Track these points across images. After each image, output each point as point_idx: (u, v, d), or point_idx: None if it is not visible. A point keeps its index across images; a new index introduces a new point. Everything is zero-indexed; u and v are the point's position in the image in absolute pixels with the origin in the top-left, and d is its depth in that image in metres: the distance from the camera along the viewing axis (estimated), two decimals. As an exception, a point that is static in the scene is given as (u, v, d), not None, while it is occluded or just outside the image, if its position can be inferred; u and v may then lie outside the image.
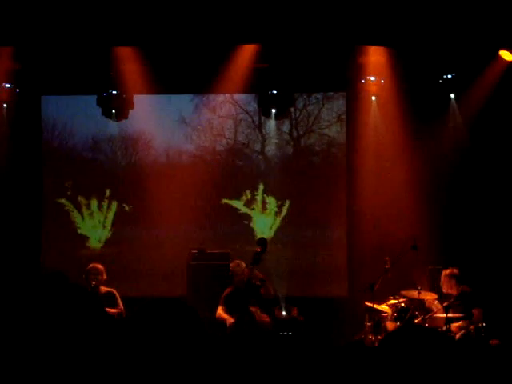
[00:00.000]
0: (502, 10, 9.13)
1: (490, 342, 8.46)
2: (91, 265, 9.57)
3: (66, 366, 3.31)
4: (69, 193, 12.21)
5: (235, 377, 3.52)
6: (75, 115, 12.18)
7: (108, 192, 12.25)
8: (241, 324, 8.96)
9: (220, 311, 9.51)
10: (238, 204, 12.18)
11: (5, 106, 11.74)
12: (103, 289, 9.45)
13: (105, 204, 12.26)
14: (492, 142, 11.04)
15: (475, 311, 8.97)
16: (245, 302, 9.04)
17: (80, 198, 12.25)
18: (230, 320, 9.29)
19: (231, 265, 9.80)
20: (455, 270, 9.35)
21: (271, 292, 9.60)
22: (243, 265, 9.47)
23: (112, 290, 9.51)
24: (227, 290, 9.66)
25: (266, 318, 9.26)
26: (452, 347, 2.95)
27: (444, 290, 9.36)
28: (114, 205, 12.26)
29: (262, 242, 9.15)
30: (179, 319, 3.11)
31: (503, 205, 10.99)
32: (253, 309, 9.11)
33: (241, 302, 9.04)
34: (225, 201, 12.15)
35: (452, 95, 11.07)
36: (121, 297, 9.55)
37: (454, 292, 9.24)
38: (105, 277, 9.50)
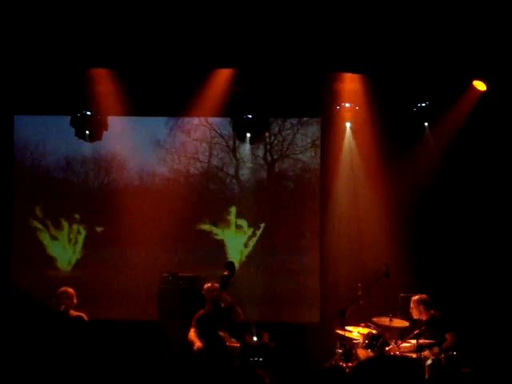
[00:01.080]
0: (475, 40, 9.22)
1: (462, 370, 8.46)
2: (62, 289, 9.45)
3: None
4: (40, 213, 12.08)
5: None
6: (48, 135, 12.08)
7: (79, 213, 12.14)
8: (209, 348, 8.89)
9: (191, 333, 9.44)
10: (210, 228, 12.13)
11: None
12: (73, 313, 9.31)
13: (76, 226, 12.15)
14: (464, 170, 11.11)
15: (448, 336, 9.01)
16: (213, 325, 8.98)
17: (51, 219, 12.13)
18: (197, 343, 9.22)
19: (204, 286, 9.73)
20: (424, 296, 9.39)
21: (240, 316, 9.53)
22: (216, 286, 9.39)
23: (81, 314, 9.37)
24: (200, 312, 9.59)
25: (234, 342, 9.19)
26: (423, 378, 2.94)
27: (414, 316, 9.40)
28: (85, 227, 12.15)
29: (230, 265, 9.08)
30: (149, 343, 3.08)
31: (475, 231, 11.04)
32: (221, 333, 9.04)
33: (210, 326, 8.97)
34: (198, 224, 12.09)
35: (426, 123, 11.13)
36: (91, 320, 9.43)
37: (423, 317, 9.28)
38: (75, 301, 9.38)
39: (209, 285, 9.67)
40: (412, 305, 9.46)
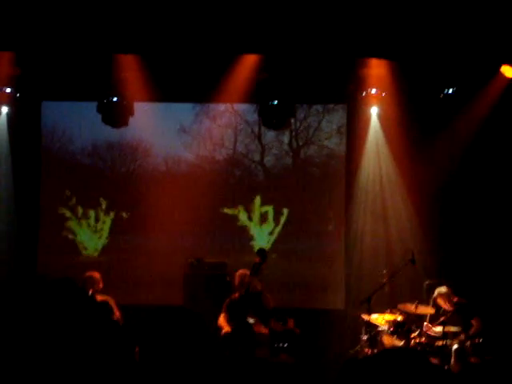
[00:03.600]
0: (504, 25, 9.12)
1: (486, 358, 8.43)
2: (88, 273, 9.53)
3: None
4: (66, 199, 12.15)
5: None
6: (75, 121, 12.12)
7: (106, 199, 12.21)
8: (237, 334, 8.90)
9: (221, 318, 9.46)
10: (236, 214, 12.15)
11: (5, 110, 11.69)
12: (99, 297, 9.39)
13: (102, 212, 12.21)
14: (491, 157, 11.03)
15: (474, 321, 8.95)
16: (243, 311, 8.98)
17: (78, 205, 12.20)
18: (225, 328, 9.23)
19: (237, 272, 9.74)
20: (446, 289, 9.31)
21: (270, 303, 9.54)
22: (248, 272, 9.43)
23: (108, 298, 9.45)
24: (231, 298, 9.61)
25: (263, 329, 9.20)
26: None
27: (439, 306, 9.34)
28: (112, 213, 12.21)
29: (262, 252, 9.08)
30: (186, 327, 3.08)
31: (502, 218, 10.96)
32: (252, 319, 9.04)
33: (240, 312, 8.98)
34: (223, 210, 12.11)
35: (453, 110, 11.04)
36: (117, 305, 9.50)
37: (449, 308, 9.22)
38: (101, 285, 9.46)
39: (241, 271, 9.70)
40: (436, 296, 9.41)
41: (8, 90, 11.41)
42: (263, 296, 9.37)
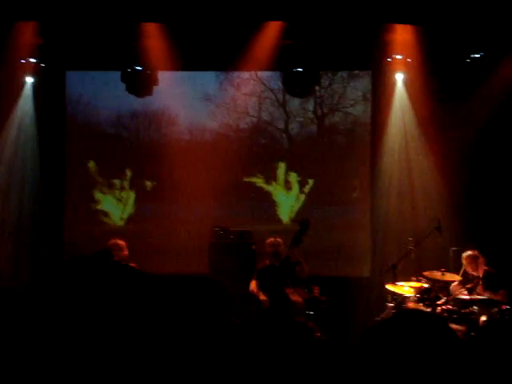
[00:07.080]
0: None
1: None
2: (112, 240, 9.54)
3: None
4: (92, 169, 12.21)
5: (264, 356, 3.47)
6: (99, 91, 12.14)
7: (131, 169, 12.24)
8: (275, 303, 8.86)
9: (253, 286, 9.43)
10: (260, 182, 12.13)
11: (30, 80, 11.71)
12: (124, 265, 9.42)
13: (127, 181, 12.26)
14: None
15: (501, 293, 8.89)
16: (280, 281, 8.94)
17: (103, 175, 12.25)
18: (262, 297, 9.16)
19: (270, 240, 9.71)
20: (475, 252, 9.26)
21: (305, 273, 9.50)
22: (281, 241, 9.42)
23: (133, 265, 9.47)
24: (261, 265, 9.59)
25: (299, 298, 9.17)
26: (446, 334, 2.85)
27: (470, 272, 9.28)
28: (137, 182, 12.25)
29: (303, 222, 9.05)
30: (212, 298, 3.09)
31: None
32: (287, 289, 9.01)
33: (275, 280, 8.95)
34: (247, 179, 12.10)
35: (479, 75, 10.88)
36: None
37: (478, 273, 9.16)
38: (126, 253, 9.47)
39: (272, 239, 9.68)
40: (464, 262, 9.35)
41: (33, 60, 11.44)
42: (301, 266, 9.32)
